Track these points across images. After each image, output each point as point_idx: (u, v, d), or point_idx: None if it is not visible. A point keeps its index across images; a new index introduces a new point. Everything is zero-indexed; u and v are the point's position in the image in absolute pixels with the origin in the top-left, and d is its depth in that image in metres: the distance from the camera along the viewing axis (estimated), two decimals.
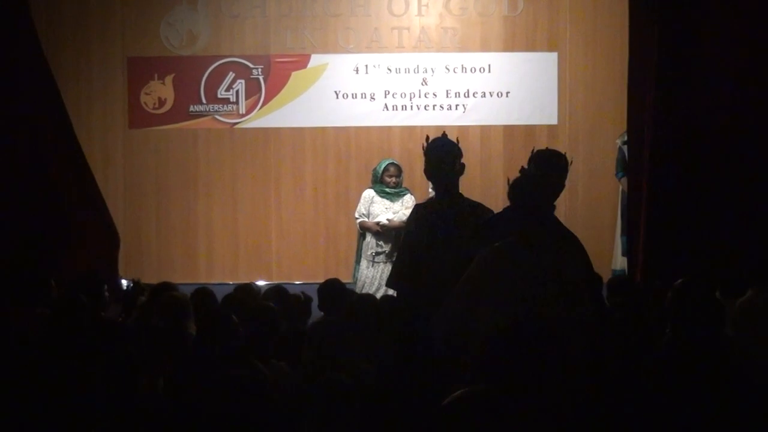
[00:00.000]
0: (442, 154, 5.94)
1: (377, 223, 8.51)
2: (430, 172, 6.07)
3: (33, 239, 7.83)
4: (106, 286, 6.74)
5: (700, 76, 7.48)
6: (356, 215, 8.74)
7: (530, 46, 10.96)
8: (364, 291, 8.39)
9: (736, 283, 6.27)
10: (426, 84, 10.96)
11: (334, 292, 6.11)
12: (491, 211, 5.75)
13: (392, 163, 8.75)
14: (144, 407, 4.40)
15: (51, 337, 5.21)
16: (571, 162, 5.61)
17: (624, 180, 9.64)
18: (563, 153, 5.68)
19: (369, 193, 8.70)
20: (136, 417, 4.33)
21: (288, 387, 4.76)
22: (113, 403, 4.43)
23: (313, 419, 4.11)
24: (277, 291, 6.48)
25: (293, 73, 10.96)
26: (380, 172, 8.67)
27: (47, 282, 6.43)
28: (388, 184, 8.63)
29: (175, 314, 5.50)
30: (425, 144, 6.11)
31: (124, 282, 8.09)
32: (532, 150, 5.66)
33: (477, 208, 5.97)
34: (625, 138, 9.28)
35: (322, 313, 6.05)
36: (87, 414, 4.45)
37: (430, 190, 7.34)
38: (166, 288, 6.31)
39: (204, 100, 10.97)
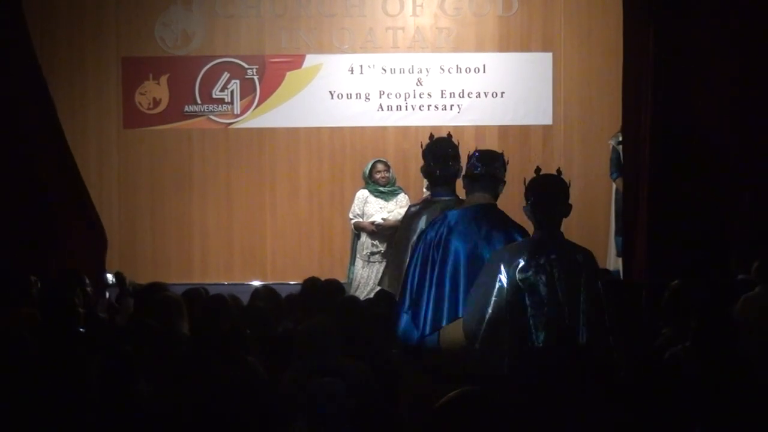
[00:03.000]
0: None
1: (372, 223, 8.53)
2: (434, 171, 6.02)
3: (19, 240, 7.83)
4: (88, 282, 6.75)
5: (696, 75, 7.48)
6: (350, 216, 8.75)
7: (525, 47, 10.96)
8: (358, 291, 8.41)
9: (739, 281, 6.29)
10: (421, 84, 10.95)
11: (316, 292, 6.14)
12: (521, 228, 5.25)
13: (379, 161, 8.80)
14: (138, 407, 4.39)
15: (42, 337, 5.19)
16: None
17: (618, 180, 9.64)
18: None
19: (363, 194, 8.71)
20: (131, 417, 4.32)
21: (280, 386, 4.76)
22: (107, 403, 4.42)
23: (304, 420, 4.11)
24: (267, 291, 6.50)
25: (288, 74, 10.95)
26: (368, 171, 8.71)
27: (28, 281, 6.44)
28: (379, 181, 8.65)
29: (168, 314, 5.50)
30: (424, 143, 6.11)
31: (109, 276, 8.11)
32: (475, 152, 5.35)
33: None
34: (619, 138, 9.27)
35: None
36: (81, 414, 4.44)
37: (425, 189, 7.35)
38: (157, 288, 6.31)
39: (199, 101, 10.95)
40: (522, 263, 4.54)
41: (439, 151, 6.12)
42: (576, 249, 4.67)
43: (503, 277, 4.53)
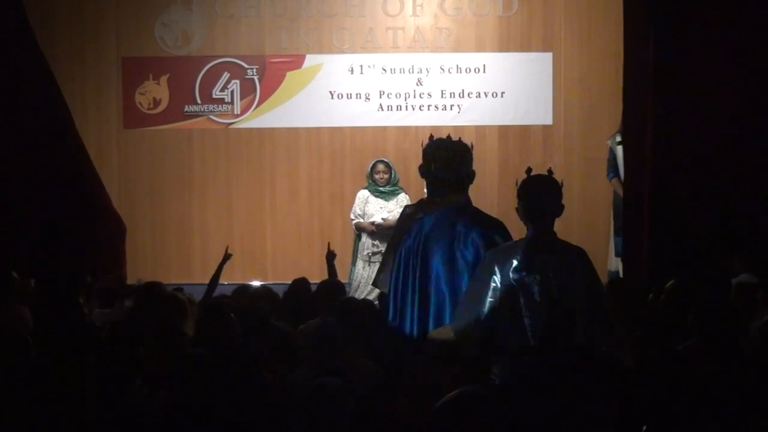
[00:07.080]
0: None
1: (372, 223, 8.54)
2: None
3: (53, 235, 7.90)
4: (90, 280, 6.78)
5: (696, 75, 7.48)
6: (351, 216, 8.77)
7: (525, 47, 10.96)
8: (358, 291, 8.42)
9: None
10: (421, 84, 10.95)
11: (308, 293, 6.16)
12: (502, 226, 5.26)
13: (380, 161, 8.83)
14: (137, 407, 4.39)
15: (40, 337, 5.20)
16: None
17: (615, 180, 9.65)
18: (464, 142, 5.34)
19: (363, 194, 8.74)
20: (130, 417, 4.32)
21: (285, 388, 4.76)
22: (107, 403, 4.42)
23: (306, 420, 4.11)
24: (267, 292, 6.51)
25: (288, 74, 10.95)
26: (369, 171, 8.76)
27: (20, 280, 6.47)
28: (378, 181, 8.70)
29: (169, 313, 5.50)
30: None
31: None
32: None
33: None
34: (617, 138, 9.29)
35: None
36: (81, 415, 4.44)
37: (426, 190, 7.33)
38: (156, 288, 6.33)
39: (199, 101, 10.96)
40: (516, 263, 4.52)
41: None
42: (570, 248, 4.66)
43: (497, 278, 4.52)
